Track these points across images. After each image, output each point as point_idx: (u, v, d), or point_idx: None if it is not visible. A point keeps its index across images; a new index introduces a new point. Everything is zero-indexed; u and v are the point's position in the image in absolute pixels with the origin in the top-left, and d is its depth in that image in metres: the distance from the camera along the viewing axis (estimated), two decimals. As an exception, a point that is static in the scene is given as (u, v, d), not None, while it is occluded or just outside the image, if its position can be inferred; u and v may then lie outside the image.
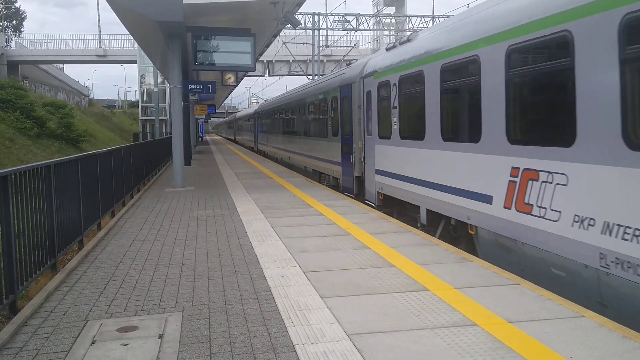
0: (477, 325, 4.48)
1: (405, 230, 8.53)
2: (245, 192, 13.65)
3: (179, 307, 5.18)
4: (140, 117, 59.88)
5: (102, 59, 55.60)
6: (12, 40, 61.54)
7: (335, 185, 15.34)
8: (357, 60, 19.59)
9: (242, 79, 33.88)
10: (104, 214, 9.78)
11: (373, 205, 11.68)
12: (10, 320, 4.90)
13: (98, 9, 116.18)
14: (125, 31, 18.98)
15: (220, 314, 4.94)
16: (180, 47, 15.64)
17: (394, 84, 10.45)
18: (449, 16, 37.05)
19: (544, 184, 5.90)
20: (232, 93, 60.44)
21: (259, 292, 5.57)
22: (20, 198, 5.50)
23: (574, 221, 5.42)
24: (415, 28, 40.39)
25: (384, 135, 11.12)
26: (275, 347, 4.17)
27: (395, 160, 10.52)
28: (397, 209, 11.07)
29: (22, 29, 75.85)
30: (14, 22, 75.59)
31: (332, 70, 36.33)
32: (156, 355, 4.09)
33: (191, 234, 8.63)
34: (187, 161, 22.32)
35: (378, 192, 11.56)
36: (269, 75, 52.32)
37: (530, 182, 6.14)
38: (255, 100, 79.28)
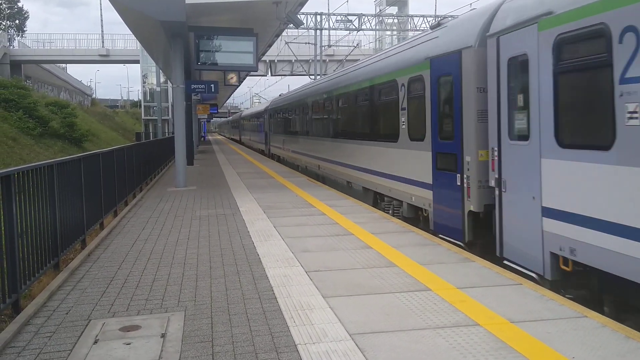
0: (479, 325, 4.48)
1: (408, 230, 8.52)
2: (248, 192, 13.66)
3: (181, 306, 5.19)
4: (143, 117, 59.97)
5: (105, 58, 55.68)
6: (15, 39, 61.69)
7: (413, 218, 9.83)
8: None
9: (244, 78, 33.86)
10: (107, 213, 9.79)
11: (535, 276, 6.27)
12: (13, 319, 4.91)
13: (101, 9, 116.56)
14: (128, 31, 18.97)
15: (222, 314, 4.94)
16: (182, 47, 15.66)
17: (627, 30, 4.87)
18: (453, 16, 36.95)
19: None
20: (235, 93, 60.35)
21: (261, 291, 5.58)
22: (23, 197, 5.51)
23: None
24: (418, 28, 40.40)
25: (580, 141, 5.61)
26: (277, 347, 4.18)
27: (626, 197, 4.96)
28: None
29: (25, 29, 76.01)
30: (17, 21, 75.73)
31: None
32: (159, 354, 4.09)
33: (193, 234, 8.64)
34: (190, 161, 22.33)
35: (554, 255, 5.97)
36: (271, 75, 52.31)
37: None
38: (258, 100, 79.23)
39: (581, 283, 5.94)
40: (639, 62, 4.78)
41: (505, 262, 6.90)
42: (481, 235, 7.76)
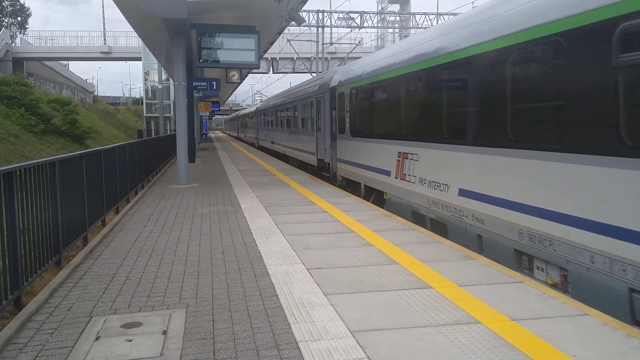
0: (480, 323, 4.48)
1: (409, 227, 8.52)
2: (249, 189, 13.67)
3: (182, 303, 5.20)
4: (145, 114, 60.04)
5: (107, 56, 55.76)
6: (17, 37, 61.72)
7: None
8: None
9: (246, 76, 33.87)
10: (109, 210, 9.81)
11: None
12: (15, 315, 4.92)
13: (103, 6, 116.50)
14: (130, 28, 19.02)
15: (224, 311, 4.95)
16: (184, 44, 15.66)
17: None
18: (454, 14, 36.86)
19: None
20: (237, 90, 60.37)
21: (263, 289, 5.58)
22: (25, 194, 5.52)
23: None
24: (420, 25, 40.34)
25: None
26: (278, 344, 4.18)
27: None
28: None
29: (27, 26, 76.10)
30: (19, 18, 75.80)
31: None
32: (160, 351, 4.10)
33: (195, 231, 8.65)
34: (192, 158, 22.36)
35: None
36: (273, 73, 52.37)
37: None
38: (260, 98, 79.09)
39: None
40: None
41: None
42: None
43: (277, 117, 28.88)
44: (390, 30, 47.40)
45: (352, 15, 39.53)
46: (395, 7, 48.56)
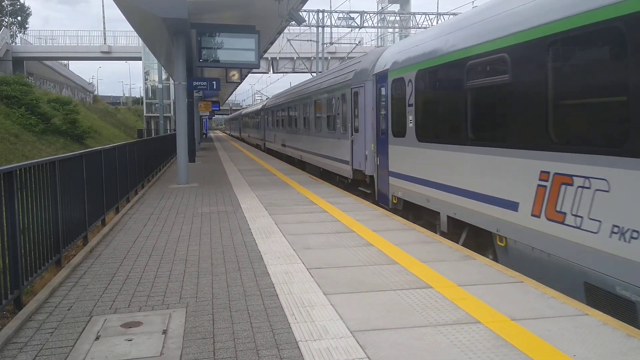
0: (480, 323, 4.48)
1: (409, 227, 8.52)
2: (249, 189, 13.67)
3: (182, 303, 5.20)
4: (145, 114, 60.04)
5: (107, 55, 55.75)
6: (17, 36, 61.73)
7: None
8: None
9: (246, 75, 33.84)
10: (109, 210, 9.81)
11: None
12: (15, 315, 4.92)
13: (103, 6, 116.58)
14: (130, 28, 19.03)
15: (224, 310, 4.95)
16: (184, 44, 15.66)
17: None
18: (454, 14, 36.88)
19: None
20: (237, 90, 60.39)
21: (263, 288, 5.58)
22: (25, 194, 5.52)
23: None
24: (420, 25, 40.35)
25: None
26: (278, 344, 4.18)
27: None
28: None
29: (27, 26, 76.11)
30: (19, 18, 75.80)
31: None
32: (160, 350, 4.10)
33: (195, 231, 8.65)
34: (192, 158, 22.36)
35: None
36: (273, 73, 52.40)
37: None
38: (260, 98, 79.03)
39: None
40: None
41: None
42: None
43: (291, 115, 23.92)
44: (390, 30, 47.40)
45: (352, 15, 39.53)
46: (396, 7, 48.57)
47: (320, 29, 38.55)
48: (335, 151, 15.64)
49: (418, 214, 9.95)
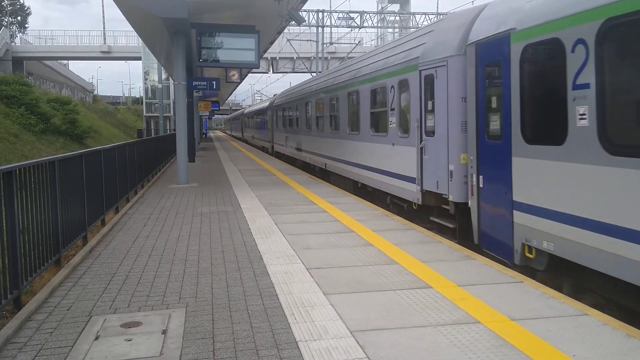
0: (480, 323, 4.48)
1: (409, 227, 8.52)
2: (249, 189, 13.66)
3: (182, 303, 5.20)
4: (145, 114, 60.00)
5: (107, 55, 55.72)
6: (17, 36, 61.72)
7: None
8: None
9: (246, 75, 33.82)
10: (108, 209, 9.80)
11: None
12: (14, 315, 4.92)
13: (103, 6, 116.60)
14: (130, 28, 19.02)
15: (223, 310, 4.95)
16: (184, 44, 15.66)
17: None
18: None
19: None
20: (236, 90, 60.37)
21: (263, 288, 5.58)
22: (25, 194, 5.51)
23: None
24: (419, 25, 40.35)
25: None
26: (278, 344, 4.18)
27: None
28: None
29: (27, 25, 76.07)
30: (19, 18, 75.77)
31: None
32: (160, 350, 4.10)
33: (195, 230, 8.65)
34: (191, 158, 22.35)
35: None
36: (273, 72, 52.39)
37: None
38: (260, 98, 79.02)
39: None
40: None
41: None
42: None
43: (311, 113, 19.12)
44: (390, 30, 47.39)
45: (352, 15, 39.54)
46: (395, 7, 48.55)
47: (320, 28, 38.55)
48: (387, 162, 11.43)
49: (586, 283, 5.97)
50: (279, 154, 27.62)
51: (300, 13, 16.21)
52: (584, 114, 5.55)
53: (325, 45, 40.37)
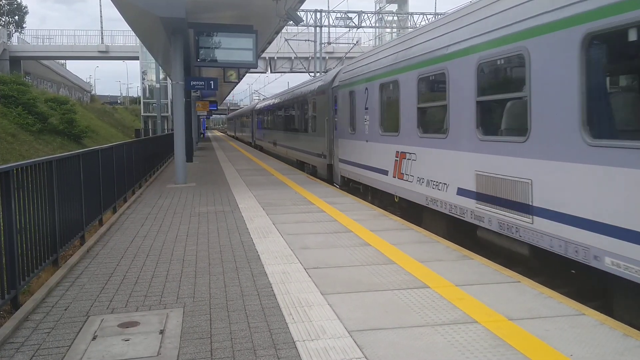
0: (477, 323, 4.49)
1: (407, 227, 8.52)
2: (247, 189, 13.66)
3: (180, 303, 5.19)
4: (142, 114, 59.92)
5: (104, 55, 55.67)
6: (14, 35, 61.61)
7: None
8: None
9: (244, 75, 33.81)
10: (106, 209, 9.79)
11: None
12: (12, 315, 4.92)
13: (100, 5, 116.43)
14: (127, 27, 18.94)
15: (221, 310, 4.95)
16: (182, 44, 15.64)
17: None
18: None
19: None
20: (234, 90, 60.35)
21: (260, 288, 5.58)
22: (22, 193, 5.50)
23: None
24: (417, 25, 40.38)
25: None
26: (276, 343, 4.18)
27: None
28: None
29: (24, 25, 75.92)
30: (16, 17, 75.62)
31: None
32: (157, 350, 4.10)
33: (193, 230, 8.64)
34: (189, 157, 22.33)
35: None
36: (271, 72, 52.40)
37: None
38: (258, 97, 78.96)
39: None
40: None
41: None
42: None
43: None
44: (388, 30, 47.43)
45: (350, 14, 39.56)
46: (393, 7, 48.60)
47: (318, 28, 38.55)
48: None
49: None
50: (350, 180, 14.59)
51: (298, 13, 16.22)
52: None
53: (323, 45, 40.38)
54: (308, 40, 40.83)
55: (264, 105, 35.57)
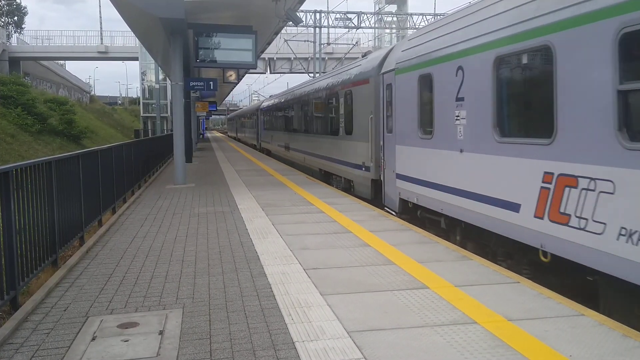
0: (477, 323, 4.49)
1: (406, 228, 8.53)
2: (246, 189, 13.66)
3: (179, 303, 5.19)
4: (142, 114, 59.92)
5: (104, 55, 55.64)
6: (13, 36, 61.59)
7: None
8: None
9: (243, 76, 33.83)
10: (105, 210, 9.79)
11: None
12: (11, 316, 4.91)
13: (100, 5, 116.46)
14: (127, 28, 18.93)
15: (220, 311, 4.95)
16: (181, 44, 15.64)
17: None
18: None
19: None
20: (233, 90, 60.32)
21: (260, 289, 5.58)
22: (22, 194, 5.50)
23: None
24: (417, 26, 40.41)
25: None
26: (275, 344, 4.18)
27: None
28: None
29: (23, 25, 75.83)
30: (16, 18, 75.56)
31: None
32: (156, 351, 4.10)
33: (192, 231, 8.64)
34: (188, 158, 22.32)
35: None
36: (270, 73, 52.41)
37: None
38: (258, 98, 79.00)
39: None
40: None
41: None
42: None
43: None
44: (388, 30, 47.45)
45: (349, 15, 39.57)
46: (393, 8, 48.62)
47: (317, 29, 38.56)
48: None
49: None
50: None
51: (298, 13, 16.22)
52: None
53: (322, 46, 40.38)
54: (307, 41, 40.83)
55: (273, 103, 30.68)
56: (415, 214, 9.90)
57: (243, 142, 50.02)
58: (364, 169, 12.87)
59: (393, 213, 10.55)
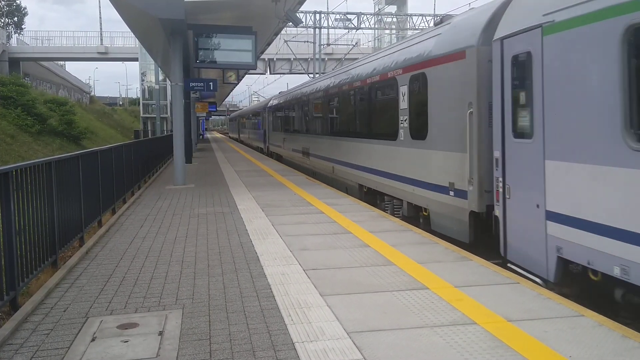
0: (476, 324, 4.49)
1: (406, 228, 8.53)
2: (246, 190, 13.66)
3: (179, 304, 5.19)
4: (142, 115, 59.91)
5: (104, 56, 55.64)
6: (13, 37, 61.60)
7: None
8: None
9: (243, 76, 33.83)
10: (105, 211, 9.79)
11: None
12: (11, 316, 4.91)
13: (100, 6, 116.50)
14: (127, 29, 18.93)
15: (220, 312, 4.95)
16: (181, 45, 15.65)
17: None
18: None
19: None
20: (233, 91, 60.32)
21: (259, 289, 5.58)
22: (22, 195, 5.50)
23: None
24: (417, 27, 40.44)
25: None
26: (275, 345, 4.18)
27: None
28: None
29: (23, 26, 75.86)
30: (15, 18, 75.57)
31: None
32: (156, 352, 4.10)
33: (192, 232, 8.64)
34: (188, 159, 22.32)
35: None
36: (270, 74, 52.42)
37: None
38: (258, 99, 79.06)
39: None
40: None
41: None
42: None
43: None
44: (387, 31, 47.47)
45: (349, 16, 39.60)
46: (392, 9, 48.64)
47: (317, 30, 38.57)
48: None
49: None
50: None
51: (298, 14, 16.23)
52: None
53: (322, 47, 40.39)
54: (307, 41, 40.83)
55: (285, 100, 25.22)
56: (595, 289, 5.66)
57: (247, 145, 44.80)
58: (452, 192, 8.45)
59: (537, 281, 6.13)
